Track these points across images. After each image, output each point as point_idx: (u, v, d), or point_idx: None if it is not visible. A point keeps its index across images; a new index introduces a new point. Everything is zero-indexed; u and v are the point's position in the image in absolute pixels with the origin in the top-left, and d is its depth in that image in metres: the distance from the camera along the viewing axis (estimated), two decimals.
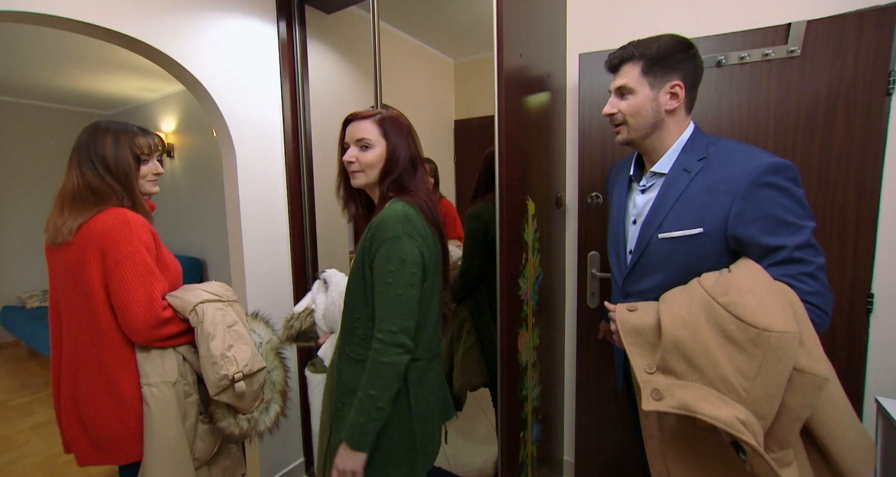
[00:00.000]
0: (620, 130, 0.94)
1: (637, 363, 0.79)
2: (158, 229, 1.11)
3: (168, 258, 1.10)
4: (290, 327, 1.29)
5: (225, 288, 1.17)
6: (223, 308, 1.08)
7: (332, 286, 1.28)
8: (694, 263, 0.86)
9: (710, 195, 0.84)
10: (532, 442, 1.48)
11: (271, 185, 1.72)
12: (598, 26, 1.55)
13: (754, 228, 0.80)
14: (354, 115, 1.01)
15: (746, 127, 1.31)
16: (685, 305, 0.77)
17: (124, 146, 1.04)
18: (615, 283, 1.04)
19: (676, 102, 0.89)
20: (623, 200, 1.02)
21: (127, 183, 1.03)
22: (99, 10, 1.21)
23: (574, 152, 1.64)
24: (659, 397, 0.73)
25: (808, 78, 1.22)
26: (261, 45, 1.66)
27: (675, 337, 0.75)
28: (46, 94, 3.58)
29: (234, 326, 1.08)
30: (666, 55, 0.87)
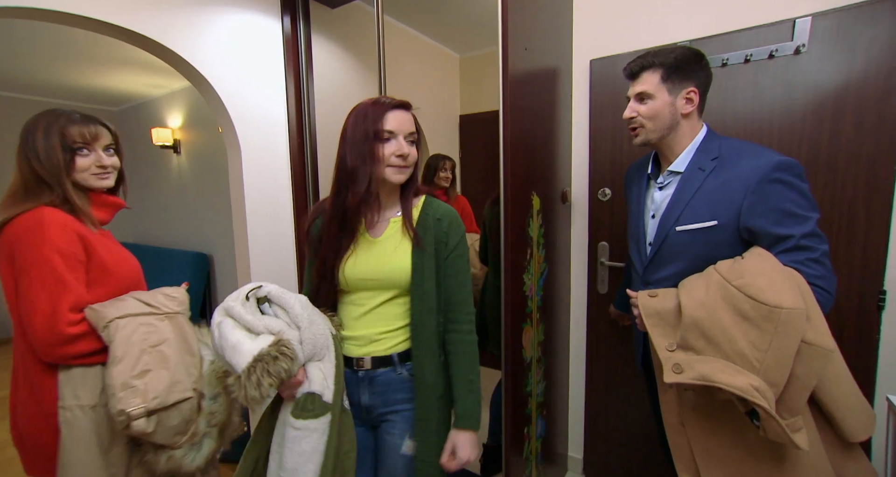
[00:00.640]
0: (639, 132, 1.03)
1: (658, 342, 0.88)
2: (163, 225, 1.08)
3: (114, 263, 0.97)
4: (258, 384, 0.77)
5: (170, 297, 1.02)
6: (152, 324, 0.94)
7: (298, 304, 0.89)
8: (709, 252, 0.94)
9: (724, 191, 0.92)
10: (537, 438, 1.49)
11: (276, 179, 1.72)
12: (605, 26, 1.53)
13: (764, 220, 0.88)
14: (400, 102, 0.92)
15: (751, 125, 1.30)
16: (703, 288, 0.86)
17: (53, 137, 0.92)
18: (635, 272, 1.11)
19: (691, 107, 0.98)
20: (642, 197, 1.10)
21: (57, 178, 0.91)
22: (106, 6, 1.21)
23: (582, 149, 1.64)
24: (679, 371, 0.81)
25: (815, 73, 1.20)
26: (265, 40, 1.66)
27: (694, 317, 0.83)
28: (54, 90, 3.61)
29: (161, 346, 0.92)
30: (683, 64, 0.96)
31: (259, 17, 1.63)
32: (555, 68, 1.49)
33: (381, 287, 0.94)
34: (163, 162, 3.94)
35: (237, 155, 1.60)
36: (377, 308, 0.95)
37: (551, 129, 1.49)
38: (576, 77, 1.62)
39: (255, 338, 0.82)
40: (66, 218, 0.90)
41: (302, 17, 1.72)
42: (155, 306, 0.97)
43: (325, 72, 1.84)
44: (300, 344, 0.84)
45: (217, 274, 3.74)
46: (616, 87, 1.51)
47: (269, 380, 0.77)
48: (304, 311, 0.87)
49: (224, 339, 0.81)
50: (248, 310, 0.86)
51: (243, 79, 1.58)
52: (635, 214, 1.12)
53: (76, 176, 0.95)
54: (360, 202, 0.90)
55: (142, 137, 3.98)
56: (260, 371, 0.77)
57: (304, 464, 0.82)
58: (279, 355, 0.79)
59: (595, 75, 1.56)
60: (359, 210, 0.92)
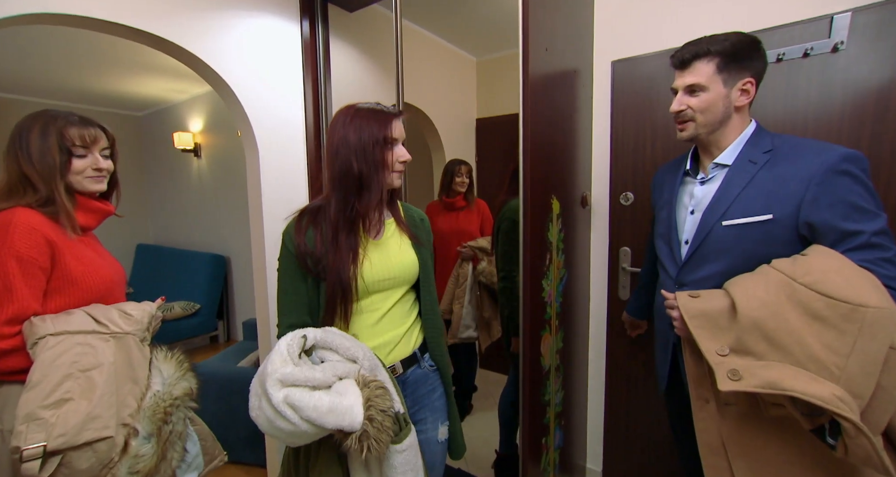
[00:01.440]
0: (686, 127, 0.94)
1: (707, 346, 0.79)
2: (183, 227, 1.07)
3: (83, 272, 0.90)
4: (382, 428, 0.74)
5: (125, 315, 0.91)
6: (90, 344, 0.83)
7: (341, 338, 0.85)
8: (760, 250, 0.86)
9: (781, 183, 0.85)
10: (555, 449, 1.44)
11: (293, 183, 1.73)
12: (627, 27, 1.49)
13: (830, 213, 0.80)
14: (401, 111, 0.96)
15: (784, 128, 1.24)
16: (762, 286, 0.77)
17: (51, 137, 0.88)
18: (666, 275, 1.03)
19: (747, 99, 0.90)
20: (674, 195, 1.03)
21: (49, 179, 0.88)
22: (130, 11, 1.23)
23: (602, 152, 1.60)
24: (737, 377, 0.72)
25: (855, 72, 1.14)
26: (284, 43, 1.67)
27: (754, 317, 0.74)
28: (79, 96, 3.72)
29: (93, 371, 0.81)
30: (740, 52, 0.88)
31: (278, 21, 1.64)
32: (575, 70, 1.46)
33: (394, 285, 0.97)
34: (184, 165, 4.02)
35: (255, 158, 1.61)
36: (391, 310, 0.97)
37: (571, 131, 1.46)
38: (597, 79, 1.58)
39: (338, 387, 0.75)
40: (38, 221, 0.85)
41: (320, 20, 1.73)
42: (103, 324, 0.87)
43: (343, 75, 1.85)
44: (367, 373, 0.81)
45: (234, 276, 3.79)
46: (639, 89, 1.47)
47: (388, 419, 0.74)
48: (349, 341, 0.84)
49: (312, 409, 0.70)
50: (306, 368, 0.76)
51: (262, 82, 1.59)
52: (666, 214, 1.04)
53: (70, 178, 0.91)
54: (372, 207, 0.91)
55: (164, 142, 4.07)
56: (378, 414, 0.73)
57: (416, 474, 0.82)
58: (379, 391, 0.76)
59: (617, 77, 1.52)
60: (367, 215, 0.92)
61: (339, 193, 0.90)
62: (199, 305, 3.55)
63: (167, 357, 0.94)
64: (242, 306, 3.78)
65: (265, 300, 1.66)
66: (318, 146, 1.78)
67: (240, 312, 3.80)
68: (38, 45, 2.60)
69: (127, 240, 4.37)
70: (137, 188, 4.46)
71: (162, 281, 3.90)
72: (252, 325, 2.81)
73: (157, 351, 0.94)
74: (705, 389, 0.85)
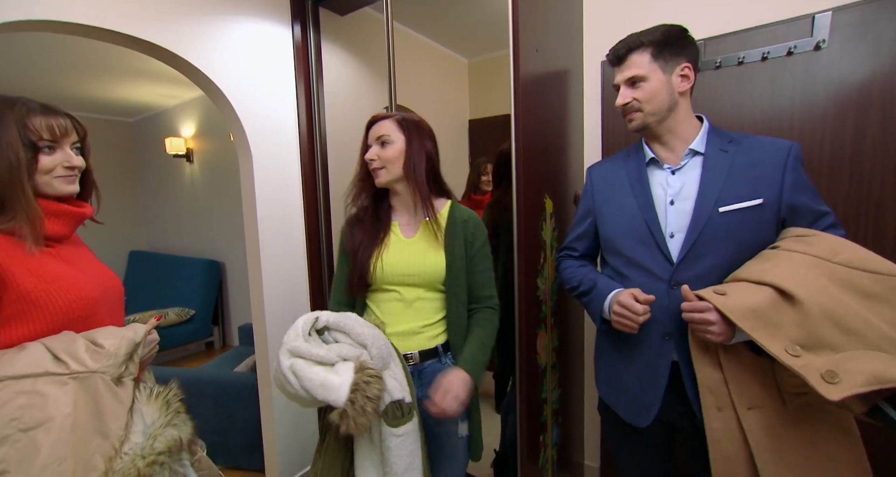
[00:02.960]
0: (634, 117, 0.94)
1: (774, 348, 0.69)
2: (176, 233, 1.00)
3: (45, 292, 0.73)
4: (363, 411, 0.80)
5: (94, 349, 0.72)
6: (39, 392, 0.65)
7: (356, 322, 0.91)
8: (754, 236, 0.86)
9: (758, 169, 0.86)
10: (552, 446, 1.45)
11: (287, 186, 1.73)
12: (616, 28, 1.51)
13: (805, 196, 0.85)
14: (375, 116, 1.06)
15: (770, 125, 1.26)
16: (802, 271, 0.72)
17: (10, 130, 0.73)
18: (649, 277, 0.91)
19: (688, 83, 0.92)
20: (644, 186, 0.95)
21: (13, 182, 0.72)
22: (124, 18, 1.23)
23: (594, 150, 1.62)
24: (836, 380, 0.63)
25: (837, 70, 1.16)
26: (276, 48, 1.67)
27: (822, 305, 0.68)
28: (69, 102, 3.69)
29: (36, 431, 0.62)
30: (670, 39, 0.90)
31: (270, 25, 1.64)
32: (566, 70, 1.48)
33: (417, 283, 1.03)
34: (176, 171, 4.00)
35: (248, 162, 1.61)
36: (416, 303, 1.04)
37: (563, 130, 1.47)
38: (587, 78, 1.60)
39: (332, 369, 0.83)
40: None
41: (312, 24, 1.74)
42: (62, 361, 0.68)
43: (335, 78, 1.85)
44: (371, 360, 0.87)
45: (229, 281, 3.77)
46: None
47: (371, 404, 0.80)
48: (364, 328, 0.90)
49: (307, 380, 0.81)
50: (313, 344, 0.86)
51: (255, 87, 1.59)
52: (630, 208, 0.95)
53: (37, 179, 0.76)
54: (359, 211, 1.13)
55: (156, 147, 4.05)
56: (361, 399, 0.79)
57: (413, 461, 0.88)
58: (370, 379, 0.82)
59: (607, 76, 1.54)
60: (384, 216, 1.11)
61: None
62: (194, 311, 3.53)
63: (151, 397, 0.75)
64: (237, 311, 3.76)
65: (261, 304, 1.66)
66: (312, 149, 1.78)
67: (235, 318, 3.78)
68: (27, 52, 2.58)
69: (119, 247, 4.33)
70: (130, 194, 4.43)
71: (156, 288, 3.87)
72: (248, 330, 2.79)
73: (141, 390, 0.76)
74: (720, 397, 0.80)
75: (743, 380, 0.79)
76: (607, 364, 1.03)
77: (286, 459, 1.74)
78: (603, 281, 0.98)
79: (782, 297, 0.72)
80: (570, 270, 1.10)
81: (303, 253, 1.80)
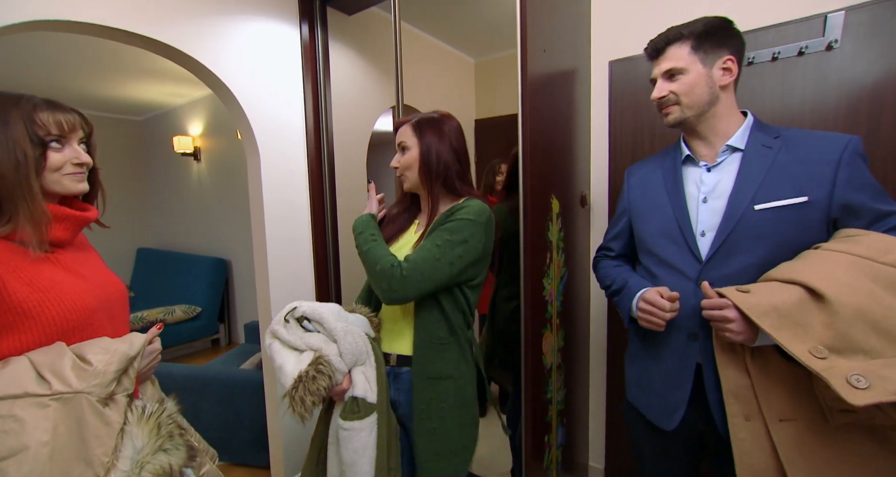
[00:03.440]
0: (671, 111, 0.90)
1: (797, 349, 0.66)
2: (183, 231, 0.97)
3: (39, 301, 0.69)
4: (301, 402, 0.84)
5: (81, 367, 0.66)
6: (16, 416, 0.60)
7: (331, 316, 0.94)
8: (795, 235, 0.80)
9: (806, 165, 0.80)
10: (557, 446, 1.45)
11: (294, 185, 1.74)
12: (624, 27, 1.51)
13: (864, 194, 0.78)
14: (396, 122, 1.07)
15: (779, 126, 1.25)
16: (840, 270, 0.67)
17: (16, 126, 0.69)
18: (677, 276, 0.89)
19: (730, 77, 0.87)
20: (678, 184, 0.93)
21: (20, 181, 0.69)
22: (134, 18, 1.24)
23: (601, 151, 1.61)
24: (865, 384, 0.59)
25: (849, 71, 1.15)
26: (284, 47, 1.68)
27: (855, 305, 0.64)
28: (79, 101, 3.73)
29: (8, 461, 0.58)
30: (713, 31, 0.86)
31: (278, 25, 1.65)
32: (573, 70, 1.47)
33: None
34: (184, 169, 4.04)
35: (256, 160, 1.62)
36: (410, 303, 1.02)
37: (570, 131, 1.47)
38: (595, 78, 1.59)
39: (300, 356, 0.90)
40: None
41: (320, 24, 1.74)
42: (46, 380, 0.63)
43: (342, 78, 1.86)
44: (339, 356, 0.91)
45: (235, 279, 3.80)
46: (637, 88, 1.49)
47: (311, 397, 0.84)
48: (337, 322, 0.93)
49: (275, 361, 0.91)
50: (289, 330, 0.94)
51: (263, 86, 1.60)
52: (663, 207, 0.94)
53: (46, 177, 0.73)
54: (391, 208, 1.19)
55: (164, 146, 4.09)
56: (302, 390, 0.84)
57: (358, 459, 0.91)
58: (317, 374, 0.86)
59: (614, 76, 1.53)
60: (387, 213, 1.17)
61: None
62: (201, 309, 3.55)
63: (143, 419, 0.69)
64: (243, 309, 3.78)
65: (267, 302, 1.67)
66: (319, 148, 1.79)
67: (241, 315, 3.80)
68: (39, 51, 2.61)
69: (127, 244, 4.37)
70: (138, 192, 4.47)
71: (163, 285, 3.91)
72: (253, 327, 2.81)
73: (133, 410, 0.70)
74: (747, 405, 0.76)
75: (773, 388, 0.75)
76: (636, 365, 1.02)
77: (292, 455, 1.75)
78: (634, 280, 0.97)
79: (812, 296, 0.68)
80: (605, 269, 1.10)
81: (309, 251, 1.80)
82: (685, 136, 0.96)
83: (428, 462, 0.98)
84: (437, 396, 0.98)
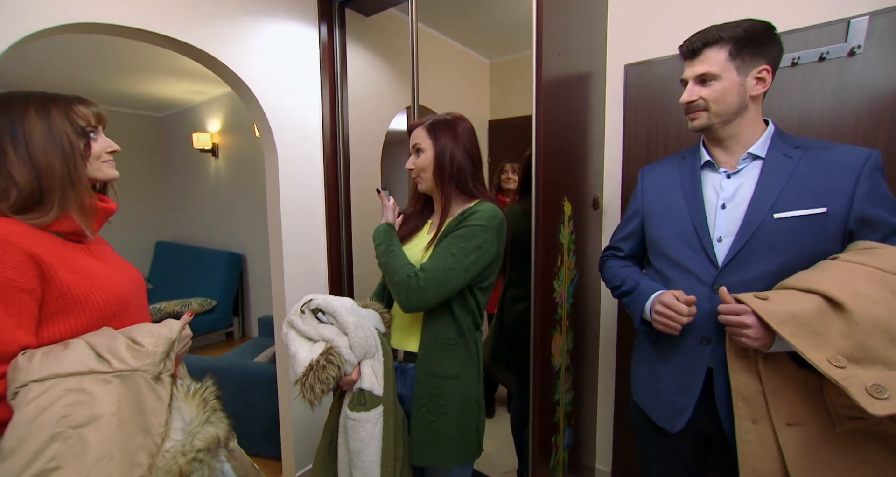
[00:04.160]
0: (698, 116, 0.89)
1: (816, 358, 0.66)
2: (200, 225, 0.97)
3: (86, 288, 0.74)
4: (311, 389, 0.89)
5: (134, 347, 0.72)
6: (85, 390, 0.66)
7: (343, 311, 0.98)
8: (814, 245, 0.80)
9: (826, 176, 0.80)
10: (564, 448, 1.46)
11: (310, 183, 1.77)
12: (641, 31, 1.50)
13: (882, 208, 0.79)
14: (411, 125, 1.09)
15: (797, 132, 1.23)
16: (860, 281, 0.68)
17: (59, 119, 0.73)
18: (692, 280, 0.89)
19: (763, 88, 0.85)
20: (696, 189, 0.93)
21: (59, 172, 0.72)
22: (159, 19, 1.28)
23: (615, 154, 1.61)
24: (883, 394, 0.60)
25: (872, 77, 1.13)
26: (303, 47, 1.71)
27: (875, 316, 0.65)
28: (102, 97, 3.84)
29: (86, 428, 0.63)
30: (754, 38, 0.83)
31: (297, 25, 1.68)
32: (588, 73, 1.47)
33: None
34: (202, 165, 4.12)
35: (274, 158, 1.65)
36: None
37: (584, 134, 1.47)
38: (610, 82, 1.59)
39: (313, 345, 0.96)
40: (14, 232, 0.68)
41: (338, 25, 1.77)
42: (105, 359, 0.69)
43: (359, 78, 1.88)
44: (350, 348, 0.95)
45: (249, 273, 3.87)
46: (652, 92, 1.48)
47: (320, 386, 0.89)
48: (349, 316, 0.97)
49: (288, 348, 0.97)
50: (304, 321, 0.99)
51: (282, 85, 1.64)
52: (680, 210, 0.93)
53: (90, 165, 0.78)
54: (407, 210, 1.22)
55: (183, 142, 4.18)
56: (312, 378, 0.90)
57: (364, 448, 0.95)
58: (327, 364, 0.91)
59: (630, 80, 1.53)
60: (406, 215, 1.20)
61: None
62: (216, 302, 3.63)
63: (188, 395, 0.77)
64: (257, 303, 3.85)
65: (282, 297, 1.71)
66: (334, 147, 1.82)
67: (254, 309, 3.88)
68: (66, 51, 2.70)
69: (147, 237, 4.49)
70: (157, 187, 4.58)
71: (180, 278, 4.00)
72: (267, 321, 2.87)
73: (179, 387, 0.77)
74: (756, 408, 0.77)
75: (783, 393, 0.76)
76: (645, 367, 1.02)
77: (302, 447, 1.79)
78: (646, 282, 0.97)
79: (831, 306, 0.68)
80: (613, 269, 1.09)
81: (323, 248, 1.84)
82: (706, 141, 0.95)
83: (419, 450, 1.01)
84: (440, 392, 1.00)
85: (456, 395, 1.01)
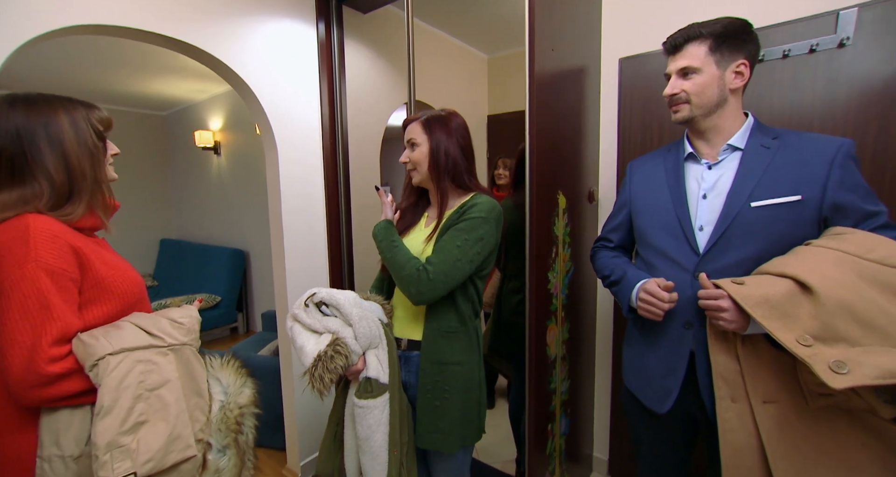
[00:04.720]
0: (681, 109, 0.93)
1: (785, 337, 0.70)
2: (203, 222, 1.02)
3: (113, 277, 0.82)
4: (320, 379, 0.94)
5: (176, 324, 0.85)
6: (152, 360, 0.77)
7: (347, 303, 1.01)
8: (789, 232, 0.84)
9: (801, 166, 0.84)
10: (560, 435, 1.49)
11: (310, 179, 1.80)
12: (635, 25, 1.51)
13: (854, 195, 0.82)
14: (406, 119, 1.11)
15: (789, 125, 1.25)
16: (827, 265, 0.72)
17: (83, 122, 0.79)
18: (674, 268, 0.94)
19: (741, 81, 0.90)
20: (680, 179, 0.97)
21: (90, 170, 0.79)
22: (159, 19, 1.31)
23: (610, 148, 1.63)
24: (844, 369, 0.63)
25: (861, 68, 1.15)
26: (301, 45, 1.73)
27: (839, 298, 0.68)
28: (106, 97, 3.87)
29: (161, 389, 0.76)
30: (732, 34, 0.87)
31: (295, 23, 1.70)
32: (583, 67, 1.49)
33: None
34: (204, 163, 4.16)
35: (274, 155, 1.68)
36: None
37: (578, 128, 1.49)
38: (604, 76, 1.61)
39: (319, 338, 0.99)
40: (57, 227, 0.75)
41: (335, 22, 1.79)
42: (158, 336, 0.80)
43: (357, 74, 1.91)
44: (355, 339, 0.99)
45: (252, 270, 3.91)
46: (646, 85, 1.50)
47: (329, 375, 0.94)
48: (353, 308, 1.01)
49: (294, 342, 1.00)
50: (309, 314, 1.02)
51: (281, 83, 1.66)
52: (665, 202, 0.97)
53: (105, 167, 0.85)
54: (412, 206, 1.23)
55: (186, 140, 4.21)
56: (321, 369, 0.93)
57: (372, 434, 0.99)
58: (335, 354, 0.95)
59: (624, 74, 1.54)
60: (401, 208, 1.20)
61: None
62: (220, 298, 3.68)
63: (224, 365, 0.91)
64: (260, 298, 3.90)
65: (284, 291, 1.74)
66: (334, 143, 1.85)
67: (258, 304, 3.93)
68: (69, 52, 2.73)
69: (151, 234, 4.54)
70: (161, 185, 4.63)
71: (185, 274, 4.05)
72: (270, 316, 2.91)
73: (212, 359, 0.91)
74: (735, 388, 0.81)
75: (760, 373, 0.80)
76: (633, 352, 1.06)
77: (306, 437, 1.84)
78: (633, 271, 1.01)
79: (801, 289, 0.72)
80: (602, 260, 1.14)
81: (324, 243, 1.87)
82: (689, 134, 0.99)
83: (425, 434, 1.05)
84: (444, 378, 1.04)
85: (459, 380, 1.05)
